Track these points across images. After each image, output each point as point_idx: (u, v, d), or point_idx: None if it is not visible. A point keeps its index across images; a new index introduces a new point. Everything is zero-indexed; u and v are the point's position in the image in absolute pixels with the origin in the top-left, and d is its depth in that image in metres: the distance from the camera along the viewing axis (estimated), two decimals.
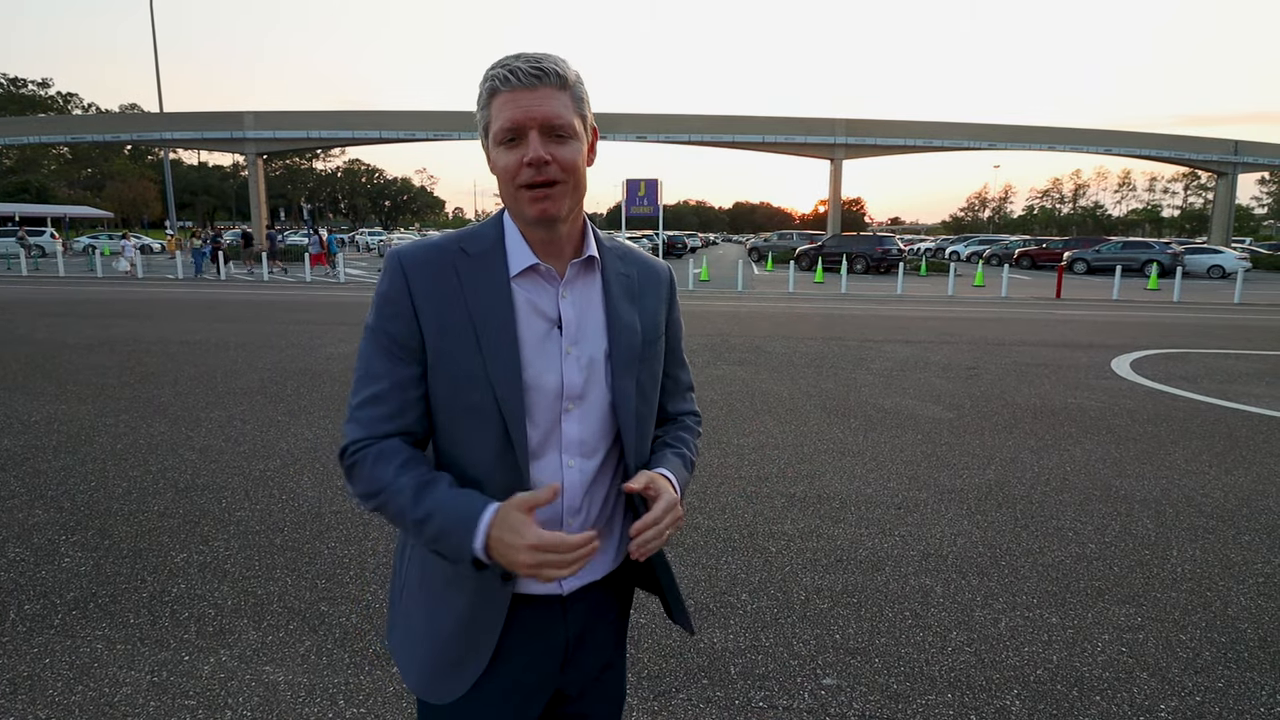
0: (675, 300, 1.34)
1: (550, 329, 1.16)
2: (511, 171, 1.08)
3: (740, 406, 6.77)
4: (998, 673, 2.70)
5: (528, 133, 1.06)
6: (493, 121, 1.08)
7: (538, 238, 1.15)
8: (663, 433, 1.34)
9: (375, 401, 1.12)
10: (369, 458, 1.11)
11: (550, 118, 1.06)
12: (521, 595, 1.19)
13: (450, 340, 1.12)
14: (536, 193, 1.08)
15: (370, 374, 1.13)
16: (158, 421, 5.95)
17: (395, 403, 1.12)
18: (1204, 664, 2.78)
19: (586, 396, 1.18)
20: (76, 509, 4.15)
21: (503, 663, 1.18)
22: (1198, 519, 4.21)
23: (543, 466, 1.17)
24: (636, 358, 1.22)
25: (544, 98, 1.06)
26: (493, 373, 1.11)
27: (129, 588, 3.29)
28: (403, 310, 1.12)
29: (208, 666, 2.71)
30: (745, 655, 2.80)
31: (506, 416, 1.12)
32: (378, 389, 1.12)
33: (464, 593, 1.16)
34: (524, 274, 1.15)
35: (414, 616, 1.20)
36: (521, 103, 1.05)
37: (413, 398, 1.13)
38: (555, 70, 1.07)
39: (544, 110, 1.06)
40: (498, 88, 1.06)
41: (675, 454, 1.29)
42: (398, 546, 1.28)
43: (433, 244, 1.17)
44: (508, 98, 1.06)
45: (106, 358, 8.70)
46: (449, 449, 1.17)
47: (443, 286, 1.13)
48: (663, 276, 1.32)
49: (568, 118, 1.08)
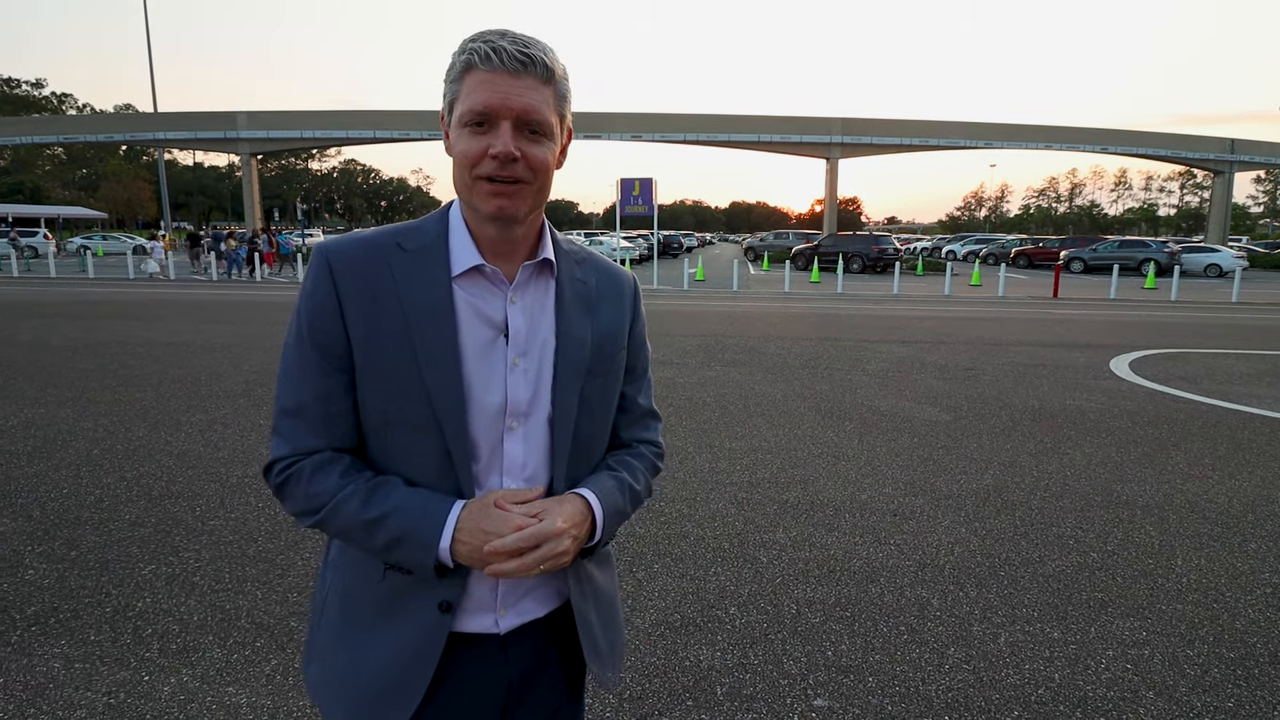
0: (640, 313, 1.21)
1: (495, 337, 1.03)
2: (473, 159, 0.95)
3: (733, 409, 6.64)
4: (997, 692, 2.57)
5: (500, 122, 0.94)
6: (461, 99, 0.95)
7: (489, 236, 1.02)
8: (609, 456, 1.18)
9: (298, 414, 1.00)
10: (304, 472, 1.00)
11: (528, 111, 0.94)
12: (457, 633, 1.07)
13: (381, 346, 0.99)
14: (497, 187, 0.96)
15: (291, 383, 1.01)
16: (137, 426, 5.81)
17: (319, 416, 1.01)
18: (1212, 682, 2.65)
19: (532, 414, 1.06)
20: (46, 517, 4.01)
21: (436, 705, 1.05)
22: (1202, 525, 4.10)
23: (484, 491, 1.04)
24: (583, 372, 1.08)
25: (525, 88, 0.94)
26: (430, 383, 0.99)
27: (92, 602, 3.15)
28: (327, 312, 0.99)
29: (168, 687, 2.58)
30: (733, 674, 2.67)
31: (446, 433, 1.00)
32: (299, 400, 1.01)
33: (395, 625, 1.03)
34: (467, 275, 1.03)
35: (335, 650, 1.07)
36: (500, 87, 0.93)
37: (338, 411, 1.01)
38: (544, 60, 0.95)
39: (523, 101, 0.94)
40: (475, 64, 0.93)
41: (611, 475, 1.12)
42: (320, 570, 1.15)
43: (364, 238, 1.04)
44: (485, 78, 0.93)
45: (90, 360, 8.55)
46: (380, 468, 1.04)
47: (374, 286, 1.00)
48: (626, 286, 1.19)
49: (546, 115, 0.96)
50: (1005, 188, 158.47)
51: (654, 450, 1.22)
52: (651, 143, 52.61)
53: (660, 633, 2.94)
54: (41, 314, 13.06)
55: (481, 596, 1.07)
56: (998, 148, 53.56)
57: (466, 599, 1.06)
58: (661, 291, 20.21)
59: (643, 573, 3.47)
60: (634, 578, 3.42)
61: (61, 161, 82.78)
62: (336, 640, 1.07)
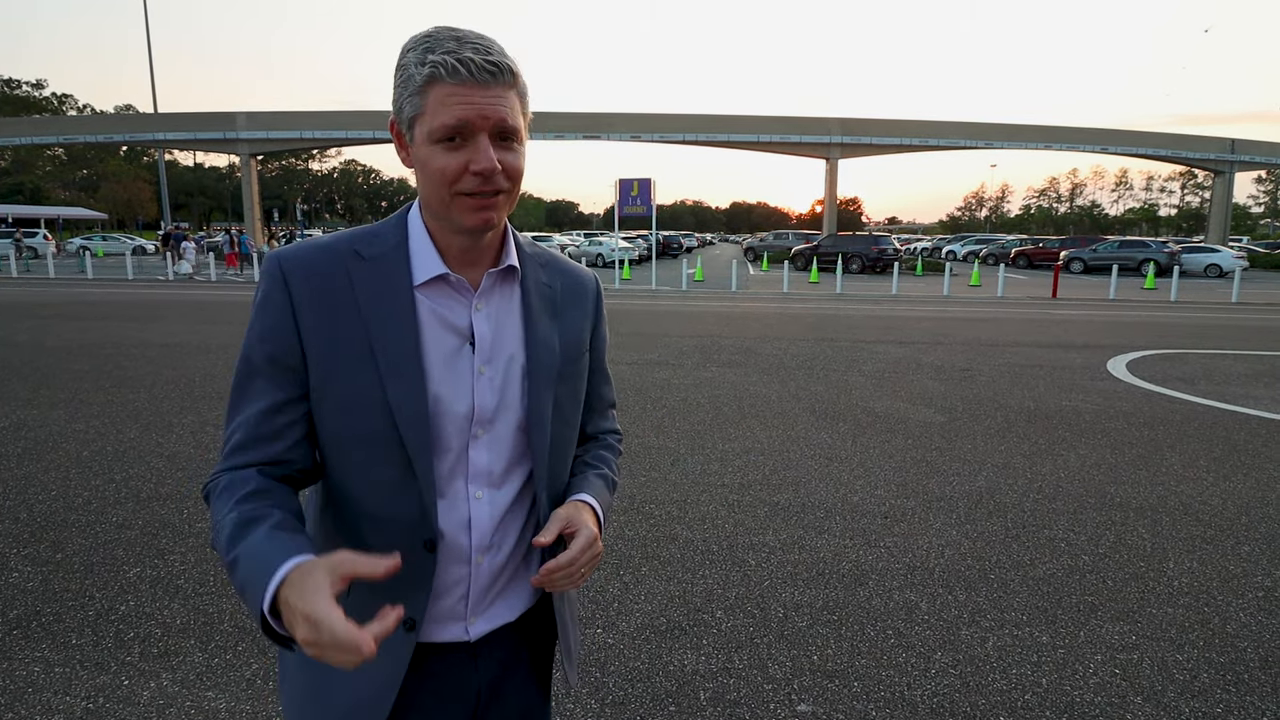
0: (602, 313, 1.22)
1: (461, 345, 1.01)
2: (451, 177, 0.92)
3: (727, 410, 6.62)
4: (983, 698, 2.55)
5: (477, 135, 0.91)
6: (429, 116, 0.91)
7: (454, 244, 1.00)
8: (582, 452, 1.22)
9: (240, 428, 0.97)
10: (215, 490, 0.95)
11: (502, 121, 0.92)
12: (425, 644, 1.06)
13: (341, 359, 0.97)
14: (480, 201, 0.94)
15: (239, 397, 0.98)
16: (129, 427, 5.79)
17: (258, 429, 0.97)
18: (1201, 687, 2.63)
19: (497, 421, 1.05)
20: (33, 519, 3.99)
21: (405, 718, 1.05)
22: (1195, 528, 4.07)
23: (448, 500, 1.03)
24: (554, 377, 1.08)
25: (496, 97, 0.91)
26: (393, 397, 0.96)
27: (75, 605, 3.13)
28: (281, 323, 0.96)
29: (147, 691, 2.56)
30: (717, 679, 2.65)
31: (409, 446, 0.97)
32: (245, 414, 0.97)
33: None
34: (431, 284, 1.00)
35: (300, 671, 1.05)
36: (473, 100, 0.90)
37: (282, 424, 0.97)
38: (508, 66, 0.92)
39: (497, 112, 0.91)
40: (441, 76, 0.89)
41: (598, 475, 1.17)
42: None
43: (320, 245, 1.01)
44: (454, 91, 0.89)
45: (84, 361, 8.54)
46: (341, 482, 1.02)
47: (331, 295, 0.97)
48: (589, 288, 1.18)
49: (517, 121, 0.94)
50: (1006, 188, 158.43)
51: (617, 438, 1.29)
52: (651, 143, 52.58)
53: (645, 636, 2.92)
54: (39, 315, 13.05)
55: (450, 607, 1.05)
56: (998, 148, 53.48)
57: (433, 612, 1.05)
58: (660, 292, 20.19)
59: (629, 576, 3.44)
60: (620, 581, 3.40)
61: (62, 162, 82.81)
62: (300, 660, 1.05)
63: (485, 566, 1.06)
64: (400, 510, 1.00)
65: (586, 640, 2.90)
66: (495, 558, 1.07)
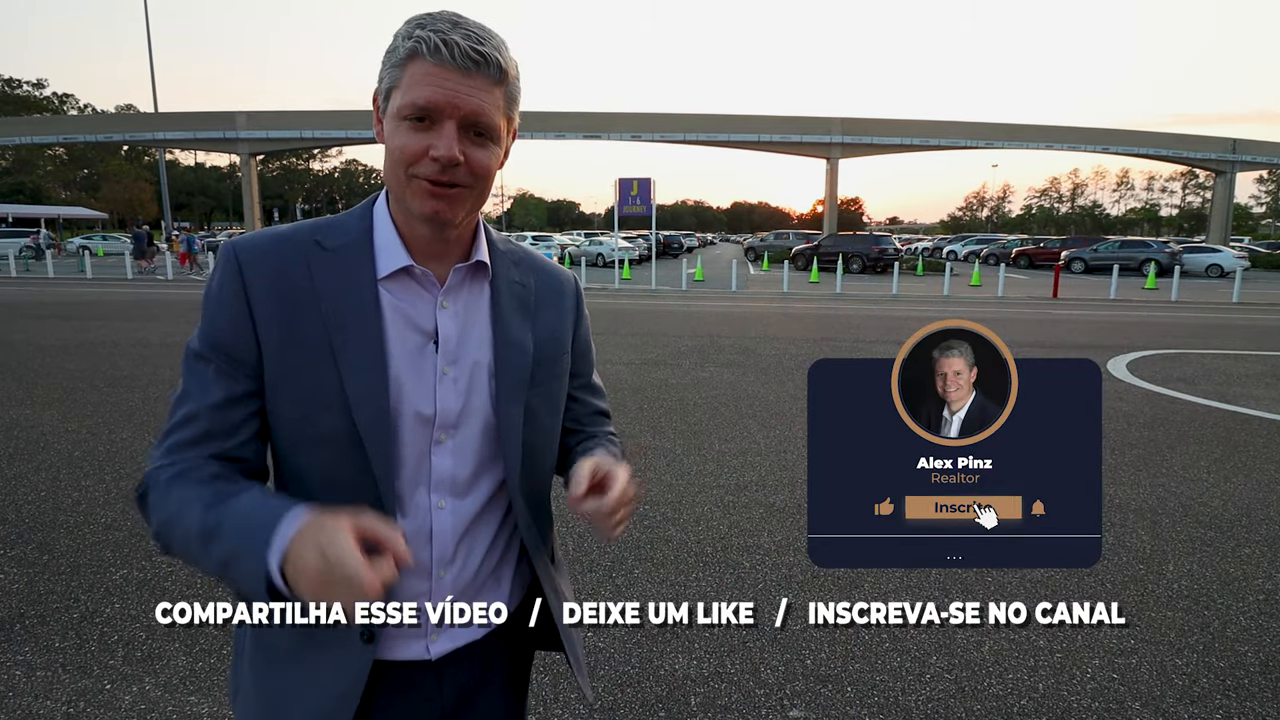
0: (583, 314, 1.16)
1: (424, 344, 0.97)
2: (411, 157, 0.88)
3: (724, 411, 6.58)
4: (979, 703, 2.51)
5: (444, 121, 0.87)
6: (402, 89, 0.87)
7: (419, 236, 0.96)
8: (582, 438, 1.16)
9: (188, 423, 0.91)
10: (162, 478, 0.88)
11: (476, 113, 0.87)
12: (384, 661, 1.00)
13: (298, 354, 0.92)
14: (435, 189, 0.89)
15: (187, 392, 0.92)
16: (122, 427, 5.75)
17: (211, 424, 0.91)
18: (1201, 692, 2.59)
19: (462, 426, 0.99)
20: (21, 520, 3.96)
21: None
22: (1195, 530, 4.03)
23: (409, 508, 0.98)
24: (525, 380, 1.03)
25: (476, 88, 0.87)
26: (352, 394, 0.92)
27: (60, 607, 3.10)
28: (235, 315, 0.91)
29: (129, 696, 2.52)
30: (708, 683, 2.61)
31: (369, 447, 0.92)
32: (192, 408, 0.91)
33: (313, 660, 0.96)
34: (394, 277, 0.96)
35: (252, 687, 1.00)
36: (447, 84, 0.86)
37: (236, 420, 0.92)
38: (498, 60, 0.88)
39: (472, 103, 0.87)
40: (421, 53, 0.86)
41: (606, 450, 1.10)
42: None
43: (278, 234, 0.96)
44: (432, 70, 0.85)
45: (80, 360, 8.50)
46: (293, 483, 0.97)
47: (289, 286, 0.92)
48: (567, 287, 1.13)
49: (495, 118, 0.89)
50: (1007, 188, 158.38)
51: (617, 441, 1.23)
52: (652, 143, 52.57)
53: (636, 640, 2.88)
54: (36, 314, 13.02)
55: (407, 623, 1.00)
56: (999, 148, 53.46)
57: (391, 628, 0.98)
58: (660, 292, 20.15)
59: (622, 578, 3.40)
60: (613, 583, 3.36)
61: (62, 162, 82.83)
62: (253, 675, 1.00)
63: (448, 581, 1.01)
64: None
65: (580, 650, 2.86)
66: (459, 572, 1.02)
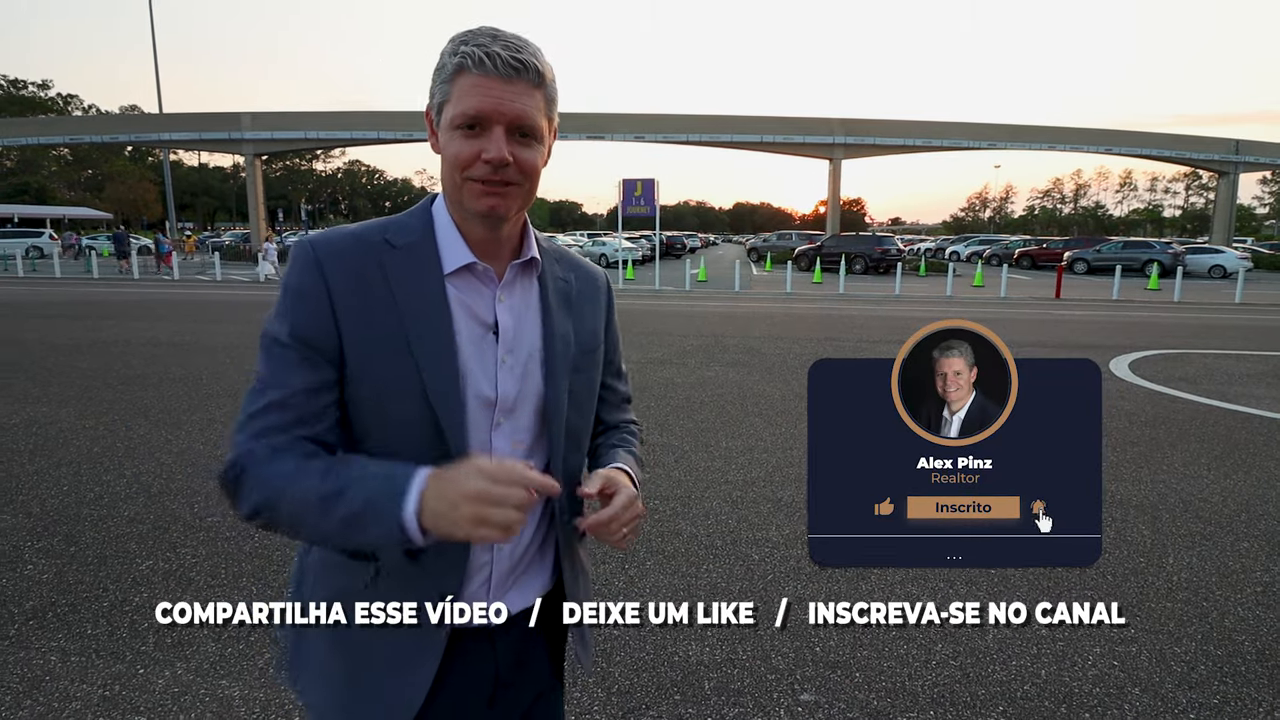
0: (613, 309, 1.27)
1: (485, 335, 1.06)
2: (465, 162, 0.98)
3: (730, 409, 6.67)
4: (983, 688, 2.59)
5: (493, 127, 0.96)
6: (453, 103, 0.97)
7: (477, 235, 1.04)
8: (605, 437, 1.28)
9: (277, 408, 0.97)
10: (258, 456, 0.95)
11: (521, 117, 0.97)
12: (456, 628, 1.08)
13: (377, 346, 1.00)
14: (489, 188, 0.98)
15: (273, 379, 0.98)
16: (138, 424, 5.85)
17: (302, 409, 0.97)
18: (1199, 679, 2.67)
19: (518, 409, 1.09)
20: (46, 514, 4.05)
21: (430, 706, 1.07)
22: (1195, 525, 4.11)
23: None
24: (570, 368, 1.13)
25: (518, 93, 0.96)
26: (429, 383, 1.00)
27: (90, 597, 3.19)
28: (318, 308, 0.98)
29: (162, 680, 2.61)
30: (721, 669, 2.70)
31: (447, 431, 1.01)
32: (280, 395, 0.97)
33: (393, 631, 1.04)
34: (458, 273, 1.04)
35: (326, 655, 1.08)
36: (493, 93, 0.95)
37: (323, 404, 0.99)
38: (535, 65, 0.97)
39: (516, 108, 0.96)
40: (468, 67, 0.95)
41: (627, 451, 1.23)
42: (296, 574, 1.16)
43: (351, 233, 1.05)
44: (477, 82, 0.95)
45: (92, 359, 8.61)
46: None
47: (366, 283, 1.00)
48: (600, 285, 1.24)
49: (537, 120, 0.99)
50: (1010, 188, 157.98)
51: (637, 427, 1.37)
52: (655, 143, 52.64)
53: (650, 628, 2.96)
54: (45, 314, 13.14)
55: (475, 592, 1.09)
56: (1001, 148, 53.38)
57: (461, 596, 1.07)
58: (664, 292, 20.24)
59: (634, 570, 3.49)
60: (625, 574, 3.44)
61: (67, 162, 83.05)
62: (328, 646, 1.07)
63: (507, 551, 1.10)
64: None
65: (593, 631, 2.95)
66: (514, 543, 1.11)
